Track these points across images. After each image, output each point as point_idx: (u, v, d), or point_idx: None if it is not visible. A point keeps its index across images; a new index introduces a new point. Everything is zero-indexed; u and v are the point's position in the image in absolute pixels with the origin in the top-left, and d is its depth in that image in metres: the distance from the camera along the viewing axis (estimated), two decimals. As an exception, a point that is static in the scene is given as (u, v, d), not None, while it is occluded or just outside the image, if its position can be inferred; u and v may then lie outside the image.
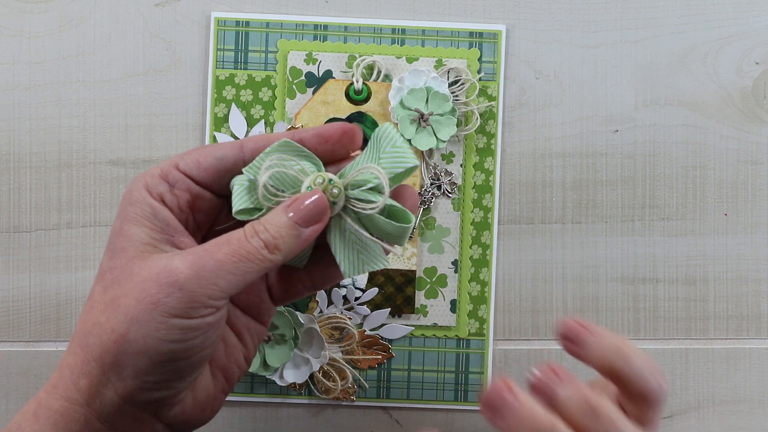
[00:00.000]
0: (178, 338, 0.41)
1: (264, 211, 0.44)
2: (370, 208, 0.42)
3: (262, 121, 0.57)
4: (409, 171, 0.43)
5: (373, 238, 0.43)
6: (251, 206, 0.44)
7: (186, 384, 0.43)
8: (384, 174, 0.42)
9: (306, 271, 0.47)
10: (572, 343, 0.42)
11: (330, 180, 0.43)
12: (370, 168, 0.42)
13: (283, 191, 0.43)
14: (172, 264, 0.41)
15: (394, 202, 0.43)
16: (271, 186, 0.43)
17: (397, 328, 0.57)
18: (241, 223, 0.44)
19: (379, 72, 0.57)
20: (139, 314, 0.41)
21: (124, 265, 0.43)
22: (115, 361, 0.41)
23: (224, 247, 0.42)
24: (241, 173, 0.44)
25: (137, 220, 0.43)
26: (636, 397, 0.41)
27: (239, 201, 0.44)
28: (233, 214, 0.44)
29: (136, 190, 0.44)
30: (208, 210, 0.46)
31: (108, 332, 0.42)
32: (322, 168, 0.44)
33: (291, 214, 0.42)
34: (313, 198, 0.42)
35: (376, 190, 0.43)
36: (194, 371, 0.43)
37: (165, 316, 0.41)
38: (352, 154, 0.45)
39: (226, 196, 0.46)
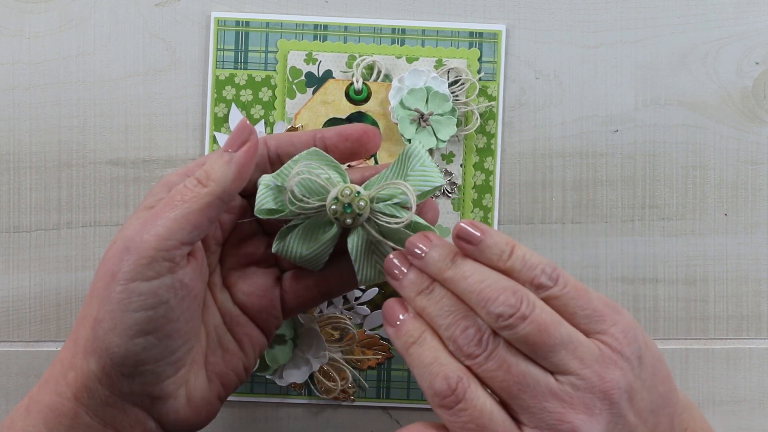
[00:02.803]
0: (138, 306, 0.41)
1: (286, 212, 0.45)
2: (395, 223, 0.44)
3: (262, 121, 0.57)
4: (435, 189, 0.45)
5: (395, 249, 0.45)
6: (274, 207, 0.45)
7: (165, 370, 0.43)
8: (412, 191, 0.44)
9: (322, 277, 0.48)
10: (466, 242, 0.42)
11: (357, 192, 0.44)
12: (398, 184, 0.44)
13: (307, 197, 0.45)
14: (124, 233, 0.42)
15: (420, 219, 0.45)
16: (297, 192, 0.44)
17: (397, 328, 0.57)
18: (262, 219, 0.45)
19: (379, 72, 0.57)
20: (102, 291, 0.42)
21: (103, 256, 0.43)
22: (93, 347, 0.42)
23: (164, 199, 0.43)
24: (268, 172, 0.46)
25: (138, 213, 0.44)
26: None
27: (263, 200, 0.45)
28: (255, 212, 0.45)
29: (157, 186, 0.45)
30: (231, 209, 0.47)
31: (89, 321, 0.42)
32: (348, 180, 0.45)
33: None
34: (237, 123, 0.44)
35: (401, 205, 0.44)
36: (169, 352, 0.43)
37: (123, 284, 0.41)
38: (378, 166, 0.47)
39: (247, 196, 0.47)
